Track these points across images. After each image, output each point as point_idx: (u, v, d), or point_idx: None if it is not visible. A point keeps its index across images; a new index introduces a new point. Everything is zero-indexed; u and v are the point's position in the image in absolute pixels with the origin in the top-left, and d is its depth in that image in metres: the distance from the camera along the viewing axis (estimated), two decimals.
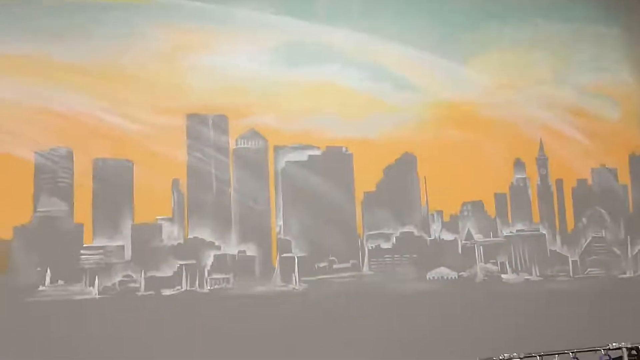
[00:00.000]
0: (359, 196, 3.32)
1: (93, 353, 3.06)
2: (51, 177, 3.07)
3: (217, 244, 3.20)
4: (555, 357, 2.85)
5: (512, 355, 2.84)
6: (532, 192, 3.49)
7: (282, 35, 3.35)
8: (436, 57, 3.41)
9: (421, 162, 3.34)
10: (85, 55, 3.15)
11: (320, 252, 3.27)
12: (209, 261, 3.15)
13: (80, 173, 3.08)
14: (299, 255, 3.25)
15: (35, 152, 3.03)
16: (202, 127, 3.20)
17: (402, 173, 3.36)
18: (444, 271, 3.29)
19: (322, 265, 3.26)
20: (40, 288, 3.02)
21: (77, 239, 3.05)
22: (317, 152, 3.30)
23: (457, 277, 3.30)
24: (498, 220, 3.40)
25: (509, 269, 3.39)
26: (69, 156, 3.07)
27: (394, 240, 3.30)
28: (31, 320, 2.98)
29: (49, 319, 2.98)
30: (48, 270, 3.00)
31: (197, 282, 3.12)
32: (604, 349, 2.87)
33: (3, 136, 2.99)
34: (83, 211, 3.07)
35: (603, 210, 3.55)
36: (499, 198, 3.42)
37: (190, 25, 3.27)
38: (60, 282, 3.00)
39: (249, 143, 3.26)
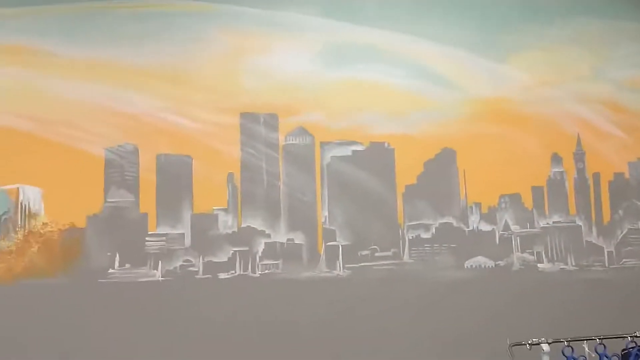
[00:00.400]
0: (400, 189, 3.49)
1: (155, 330, 3.24)
2: (119, 171, 3.29)
3: (267, 232, 3.38)
4: (583, 343, 3.01)
5: (540, 340, 3.00)
6: (569, 185, 3.59)
7: (329, 37, 3.51)
8: (476, 56, 3.55)
9: (460, 156, 3.49)
10: (152, 60, 3.36)
11: (363, 241, 3.43)
12: (260, 248, 3.35)
13: (145, 167, 3.30)
14: (343, 243, 3.42)
15: (106, 149, 3.26)
16: (255, 124, 3.40)
17: (441, 167, 3.51)
18: (481, 260, 3.43)
19: (364, 253, 3.43)
20: (110, 271, 3.22)
21: (143, 227, 3.28)
22: (360, 148, 3.46)
23: (494, 265, 3.44)
24: (535, 212, 3.53)
25: (544, 259, 3.51)
26: (135, 152, 3.29)
27: (434, 230, 3.47)
28: (102, 299, 3.20)
29: (117, 298, 3.20)
30: (117, 255, 3.23)
31: (249, 267, 3.33)
32: (630, 336, 3.00)
33: (78, 134, 3.23)
34: (148, 202, 3.29)
35: (639, 203, 3.65)
36: (536, 191, 3.54)
37: (247, 30, 3.47)
38: (127, 265, 3.23)
39: (297, 139, 3.45)
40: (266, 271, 3.40)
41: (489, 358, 3.18)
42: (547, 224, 3.55)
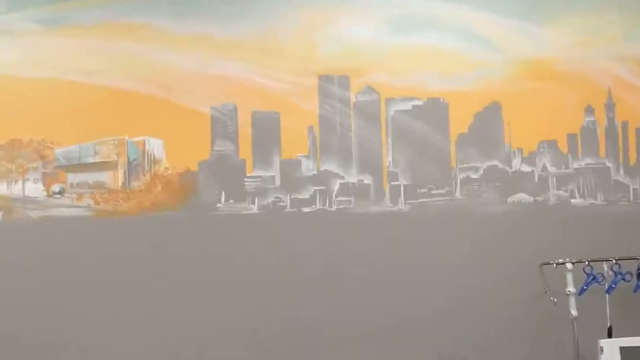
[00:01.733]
0: (453, 137, 3.86)
1: (254, 253, 3.73)
2: (222, 125, 3.75)
3: (341, 174, 3.81)
4: (602, 263, 3.51)
5: (565, 260, 3.52)
6: (600, 132, 3.91)
7: (391, 9, 3.84)
8: (518, 21, 3.87)
9: (505, 108, 3.85)
10: (245, 34, 3.75)
11: (421, 181, 3.84)
12: (336, 187, 3.79)
13: (242, 122, 3.76)
14: (404, 183, 3.83)
15: (211, 107, 3.74)
16: (330, 85, 3.82)
17: (489, 118, 3.87)
18: (522, 196, 3.84)
19: (422, 191, 3.83)
20: (218, 205, 3.69)
21: (242, 170, 3.76)
22: (419, 103, 3.83)
23: (532, 201, 3.84)
24: (569, 156, 3.88)
25: (577, 195, 3.88)
26: (234, 110, 3.74)
27: (481, 171, 3.86)
28: (212, 228, 3.72)
29: (224, 227, 3.74)
30: (222, 193, 3.73)
31: (327, 203, 3.78)
32: None
33: (189, 96, 3.73)
34: (245, 150, 3.76)
35: None
36: (571, 137, 3.88)
37: (321, 4, 3.82)
38: (231, 200, 3.73)
39: (366, 97, 3.84)
40: (340, 206, 3.82)
41: (523, 276, 3.70)
42: (580, 165, 3.89)
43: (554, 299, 3.42)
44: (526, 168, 3.87)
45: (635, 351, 3.28)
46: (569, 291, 3.42)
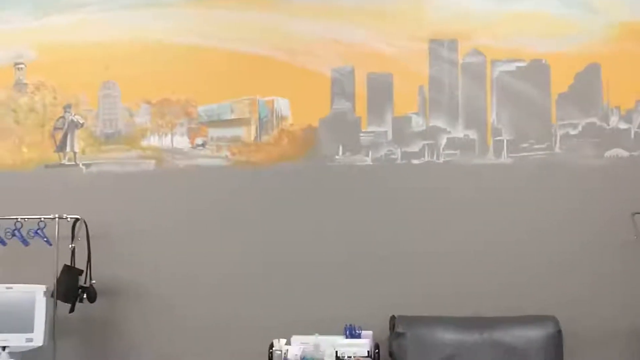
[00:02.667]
0: (554, 96, 4.02)
1: (367, 199, 4.04)
2: (340, 85, 4.06)
3: (448, 130, 4.04)
4: None
5: None
6: None
7: None
8: None
9: (604, 69, 3.98)
10: (359, 1, 4.06)
11: (523, 136, 4.02)
12: (443, 142, 4.03)
13: (358, 83, 4.06)
14: (507, 138, 4.03)
15: (331, 69, 4.08)
16: (439, 48, 4.06)
17: (588, 78, 4.00)
18: (619, 151, 3.98)
19: (524, 145, 4.02)
20: (336, 157, 4.05)
21: (357, 126, 4.07)
22: (523, 64, 4.02)
23: (628, 155, 3.97)
24: None
25: None
26: (352, 71, 4.05)
27: (580, 128, 4.01)
28: (331, 177, 4.07)
29: (341, 177, 4.08)
30: (340, 146, 4.07)
31: (434, 156, 4.04)
32: None
33: (312, 59, 4.07)
34: (361, 108, 4.08)
35: None
36: None
37: None
38: (347, 153, 4.05)
39: (472, 59, 4.05)
40: (447, 159, 4.03)
41: (616, 225, 3.88)
42: None
43: None
44: (623, 125, 3.99)
45: None
46: None
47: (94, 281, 3.91)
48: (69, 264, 3.88)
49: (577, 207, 3.97)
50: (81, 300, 3.84)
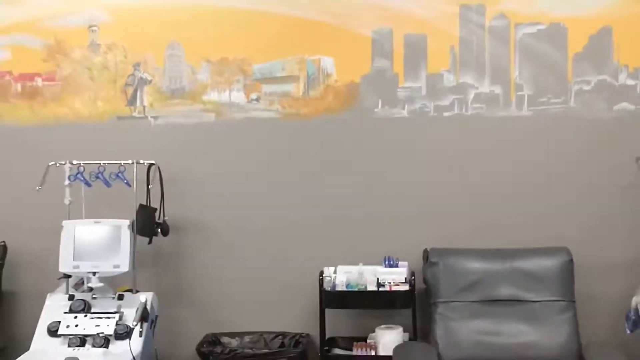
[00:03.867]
0: (570, 55, 4.35)
1: (404, 150, 4.42)
2: (380, 45, 4.37)
3: (476, 85, 4.36)
4: None
5: None
6: None
7: None
8: None
9: (615, 32, 4.29)
10: None
11: (542, 91, 4.35)
12: (471, 96, 4.34)
13: (396, 42, 4.36)
14: (527, 93, 4.36)
15: (372, 31, 4.38)
16: (468, 12, 4.36)
17: (601, 40, 4.31)
18: (626, 105, 4.32)
19: (542, 100, 4.32)
20: (375, 110, 4.38)
21: (395, 82, 4.39)
22: (543, 27, 4.29)
23: (634, 108, 4.31)
24: None
25: None
26: (390, 32, 4.36)
27: (593, 84, 4.35)
28: (371, 128, 4.43)
29: (380, 128, 4.43)
30: (379, 100, 4.40)
31: (463, 109, 4.34)
32: None
33: (354, 22, 4.38)
34: (398, 66, 4.37)
35: None
36: None
37: None
38: (386, 107, 4.39)
39: (498, 22, 4.36)
40: (474, 111, 4.34)
41: (623, 169, 4.27)
42: None
43: None
44: (630, 82, 4.27)
45: None
46: None
47: (166, 217, 4.45)
48: (145, 203, 4.42)
49: (588, 154, 4.32)
50: (156, 234, 4.40)
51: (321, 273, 4.24)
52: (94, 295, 4.17)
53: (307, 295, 4.42)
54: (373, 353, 4.21)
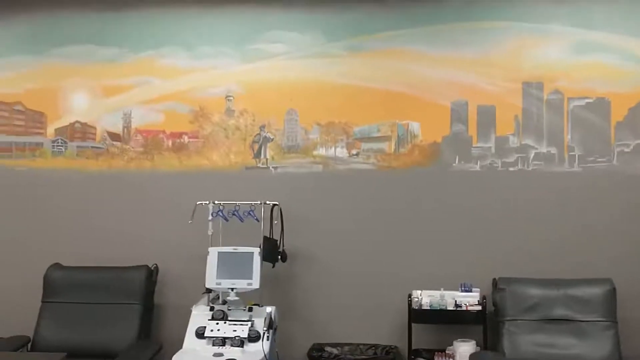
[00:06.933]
0: (613, 123, 4.98)
1: (476, 197, 5.15)
2: (457, 113, 5.09)
3: (536, 146, 5.02)
4: None
5: None
6: None
7: (574, 36, 5.02)
8: None
9: None
10: (472, 53, 5.12)
11: (589, 152, 4.98)
12: (532, 155, 5.00)
13: (471, 111, 5.09)
14: (578, 153, 4.98)
15: (450, 102, 5.11)
16: (530, 88, 5.02)
17: (638, 111, 4.92)
18: None
19: (590, 159, 4.97)
20: (453, 164, 5.10)
21: (469, 142, 5.09)
22: (590, 100, 4.95)
23: None
24: None
25: None
26: (466, 104, 5.09)
27: (631, 147, 5.03)
28: (450, 179, 5.15)
29: (455, 179, 5.15)
30: (457, 157, 5.10)
31: (525, 165, 5.00)
32: None
33: (436, 95, 5.15)
34: (472, 129, 5.12)
35: None
36: None
37: (523, 35, 5.07)
38: (462, 162, 5.08)
39: (553, 96, 4.99)
40: (535, 167, 5.01)
41: None
42: None
43: None
44: None
45: None
46: None
47: (285, 247, 5.26)
48: (268, 235, 5.54)
49: (628, 203, 4.97)
50: (277, 261, 5.49)
51: (409, 295, 5.20)
52: (229, 307, 5.24)
53: (395, 313, 5.20)
54: None
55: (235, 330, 4.93)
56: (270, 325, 4.92)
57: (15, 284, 5.71)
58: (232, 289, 4.92)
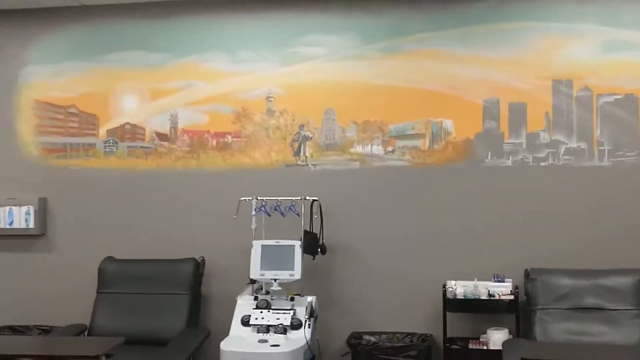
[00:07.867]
0: None
1: (507, 191, 5.36)
2: (489, 111, 5.30)
3: (566, 142, 5.16)
4: None
5: None
6: None
7: (603, 35, 5.18)
8: None
9: None
10: (503, 52, 5.29)
11: (618, 147, 5.14)
12: (562, 150, 5.14)
13: (502, 108, 5.25)
14: (607, 148, 5.13)
15: (483, 100, 5.28)
16: (560, 85, 5.17)
17: None
18: None
19: (619, 153, 5.12)
20: (486, 160, 5.28)
21: (501, 138, 5.27)
22: (619, 97, 5.11)
23: None
24: None
25: None
26: (497, 101, 5.27)
27: None
28: (481, 175, 5.31)
29: (490, 174, 5.34)
30: (489, 152, 5.28)
31: (556, 160, 5.15)
32: None
33: (469, 93, 5.32)
34: (504, 126, 5.29)
35: None
36: None
37: (553, 35, 5.23)
38: (494, 157, 5.25)
39: (583, 93, 5.17)
40: (565, 162, 5.17)
41: None
42: None
43: None
44: None
45: None
46: None
47: (324, 240, 5.61)
48: (308, 229, 5.83)
49: None
50: (317, 253, 5.78)
51: (444, 285, 5.46)
52: (272, 297, 5.55)
53: (431, 303, 5.55)
54: (485, 348, 5.40)
55: (278, 319, 5.25)
56: (312, 313, 5.21)
57: (70, 277, 6.14)
58: (275, 280, 5.19)
